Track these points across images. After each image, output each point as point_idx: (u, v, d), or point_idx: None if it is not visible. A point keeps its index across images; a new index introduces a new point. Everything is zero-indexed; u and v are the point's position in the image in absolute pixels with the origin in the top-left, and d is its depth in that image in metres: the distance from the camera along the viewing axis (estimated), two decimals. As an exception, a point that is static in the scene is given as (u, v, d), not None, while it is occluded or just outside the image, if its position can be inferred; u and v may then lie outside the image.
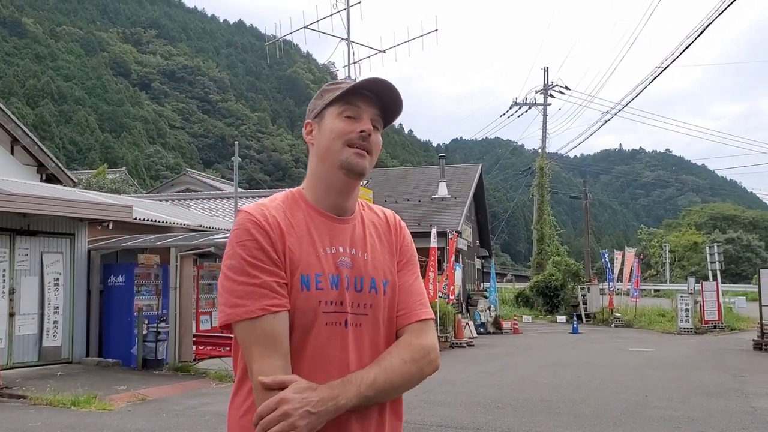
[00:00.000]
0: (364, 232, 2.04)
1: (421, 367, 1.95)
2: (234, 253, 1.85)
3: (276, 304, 1.81)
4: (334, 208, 2.00)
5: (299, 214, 1.96)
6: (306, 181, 2.05)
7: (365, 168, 1.95)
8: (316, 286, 1.87)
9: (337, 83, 2.04)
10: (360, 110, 1.96)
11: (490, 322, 27.08)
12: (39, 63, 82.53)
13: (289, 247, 1.88)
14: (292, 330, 1.84)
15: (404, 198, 33.12)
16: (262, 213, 1.90)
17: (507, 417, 9.57)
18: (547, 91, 45.50)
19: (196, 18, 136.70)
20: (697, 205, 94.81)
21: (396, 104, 2.01)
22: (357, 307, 1.94)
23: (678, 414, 9.85)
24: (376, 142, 1.98)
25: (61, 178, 22.01)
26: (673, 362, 16.62)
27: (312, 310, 1.86)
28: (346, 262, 1.95)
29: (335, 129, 1.95)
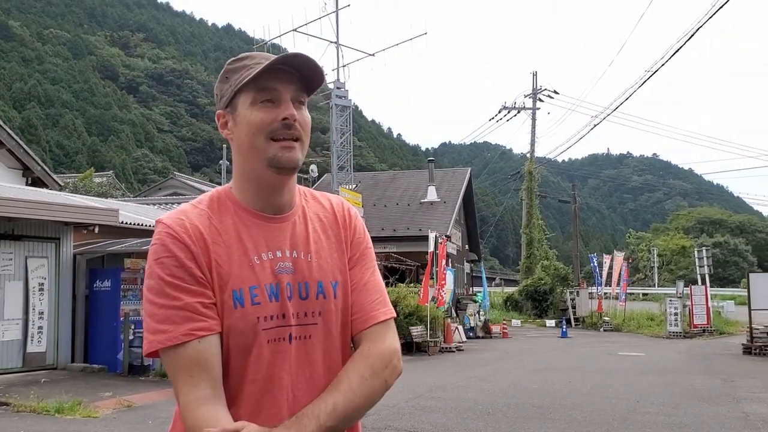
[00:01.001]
0: (307, 228, 1.80)
1: (384, 379, 1.73)
2: (152, 272, 1.65)
3: (201, 328, 1.61)
4: (269, 206, 1.77)
5: (228, 218, 1.74)
6: (233, 180, 1.80)
7: (297, 160, 1.71)
8: (251, 301, 1.66)
9: (241, 59, 1.76)
10: (277, 92, 1.69)
11: (480, 327, 27.01)
12: (26, 66, 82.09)
13: (215, 260, 1.67)
14: (230, 353, 1.65)
15: (393, 202, 33.05)
16: (181, 223, 1.69)
17: (499, 423, 9.46)
18: (536, 95, 45.60)
19: (184, 21, 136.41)
20: (684, 210, 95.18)
21: (314, 73, 1.74)
22: (304, 317, 1.72)
23: (670, 420, 9.77)
24: (304, 122, 1.73)
25: (47, 181, 21.76)
26: (663, 367, 16.57)
27: (250, 329, 1.65)
28: (286, 267, 1.73)
29: (253, 122, 1.69)
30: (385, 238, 29.71)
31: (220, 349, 1.64)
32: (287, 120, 1.68)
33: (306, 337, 1.72)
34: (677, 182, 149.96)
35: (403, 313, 20.12)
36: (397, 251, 26.76)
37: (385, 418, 9.67)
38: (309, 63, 1.71)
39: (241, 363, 1.65)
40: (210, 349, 1.61)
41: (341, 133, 21.58)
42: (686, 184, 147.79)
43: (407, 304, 20.27)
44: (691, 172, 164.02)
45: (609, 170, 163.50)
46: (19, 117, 67.45)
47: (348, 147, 21.82)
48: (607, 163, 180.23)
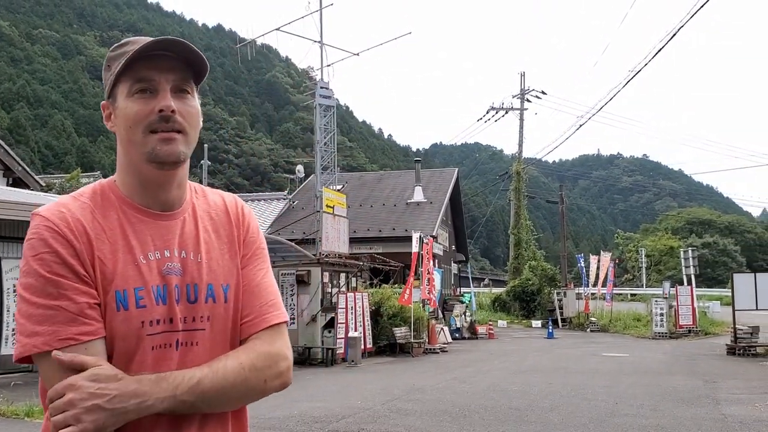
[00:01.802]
0: (197, 227, 1.68)
1: (264, 378, 1.60)
2: (30, 269, 1.48)
3: (86, 332, 1.47)
4: (156, 203, 1.64)
5: (112, 213, 1.59)
6: (117, 172, 1.66)
7: (178, 154, 1.58)
8: (136, 304, 1.53)
9: (122, 45, 1.63)
10: (154, 81, 1.57)
11: (466, 328, 26.95)
12: (14, 66, 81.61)
13: (99, 258, 1.53)
14: (111, 360, 1.50)
15: (379, 203, 32.97)
16: (62, 216, 1.53)
17: (474, 426, 9.36)
18: (524, 95, 45.57)
19: (174, 22, 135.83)
20: (674, 210, 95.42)
21: (197, 59, 1.62)
22: (191, 321, 1.60)
23: (647, 422, 9.68)
24: (188, 113, 1.60)
25: (28, 182, 21.56)
26: (647, 368, 16.52)
27: (133, 334, 1.52)
28: (174, 268, 1.60)
29: (130, 114, 1.57)
30: (370, 238, 29.63)
31: (106, 355, 1.50)
32: (163, 112, 1.56)
33: (193, 344, 1.60)
34: (667, 183, 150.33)
35: (387, 314, 20.04)
36: (382, 252, 26.65)
37: (359, 421, 9.56)
38: (185, 47, 1.59)
39: (123, 370, 1.49)
40: (98, 355, 1.47)
41: (326, 132, 21.44)
42: (676, 185, 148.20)
43: (391, 305, 20.19)
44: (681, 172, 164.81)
45: (599, 171, 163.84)
46: (8, 117, 67.08)
47: (332, 147, 21.67)
48: (597, 163, 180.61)
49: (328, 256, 18.74)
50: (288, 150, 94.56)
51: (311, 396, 12.00)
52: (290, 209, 31.78)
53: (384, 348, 20.01)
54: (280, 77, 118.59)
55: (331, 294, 19.01)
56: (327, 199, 19.18)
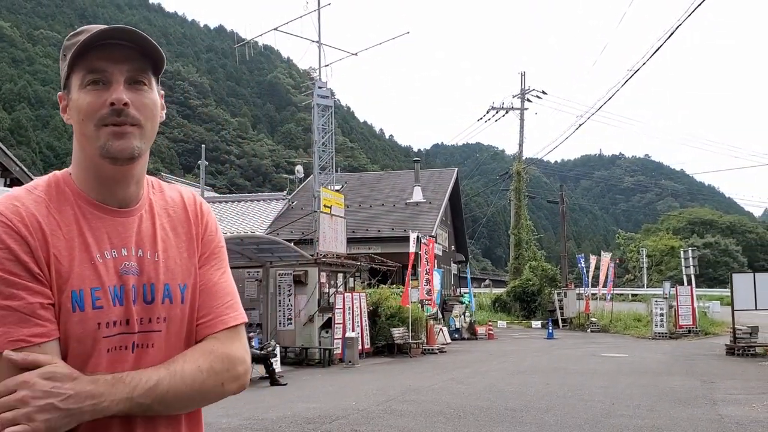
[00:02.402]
0: (154, 224, 1.62)
1: (221, 381, 1.55)
2: None
3: (39, 333, 1.40)
4: (112, 198, 1.57)
5: (67, 208, 1.52)
6: (72, 165, 1.59)
7: (132, 149, 1.50)
8: (93, 305, 1.47)
9: (77, 34, 1.56)
10: (107, 73, 1.50)
11: (465, 328, 26.89)
12: (16, 67, 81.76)
13: (54, 256, 1.46)
14: (64, 361, 1.44)
15: (378, 203, 32.93)
16: (15, 211, 1.46)
17: (468, 427, 9.30)
18: (524, 95, 45.51)
19: (175, 22, 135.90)
20: (675, 210, 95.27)
21: (151, 47, 1.54)
22: (147, 323, 1.54)
23: (643, 423, 9.62)
24: (144, 105, 1.52)
25: (26, 182, 21.53)
26: (645, 368, 16.45)
27: (89, 336, 1.46)
28: (131, 267, 1.54)
29: (82, 106, 1.50)
30: (369, 238, 29.58)
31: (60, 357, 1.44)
32: (114, 105, 1.48)
33: (148, 346, 1.54)
34: (669, 183, 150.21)
35: (385, 314, 19.99)
36: (381, 252, 26.60)
37: (353, 423, 9.50)
38: (137, 36, 1.51)
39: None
40: (52, 358, 1.41)
41: (324, 132, 21.39)
42: (678, 185, 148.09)
43: (389, 306, 20.14)
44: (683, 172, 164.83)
45: (601, 171, 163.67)
46: (9, 118, 67.19)
47: (330, 147, 21.62)
48: (599, 163, 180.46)
49: (326, 256, 18.69)
50: (289, 150, 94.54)
51: (307, 397, 11.95)
52: (289, 209, 31.73)
53: (382, 348, 19.96)
54: (282, 78, 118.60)
55: (329, 294, 18.96)
56: (324, 199, 19.14)
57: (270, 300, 18.57)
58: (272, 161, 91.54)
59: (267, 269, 18.63)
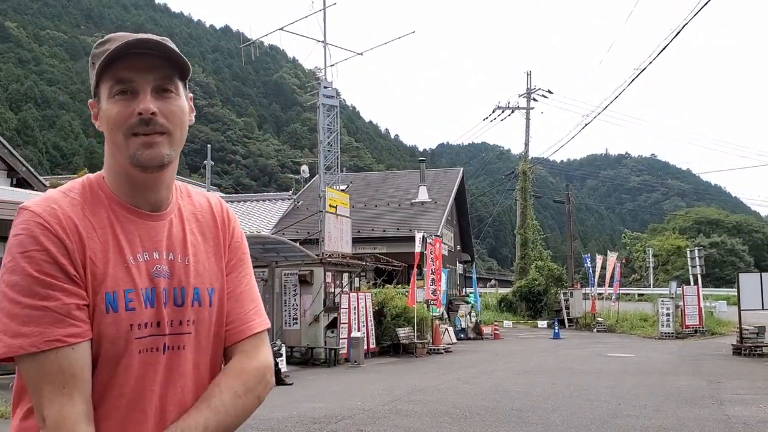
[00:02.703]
0: (184, 229, 1.65)
1: (257, 395, 1.62)
2: (17, 266, 1.42)
3: (74, 334, 1.42)
4: (145, 202, 1.60)
5: (101, 211, 1.55)
6: (105, 169, 1.62)
7: (161, 157, 1.53)
8: (126, 306, 1.49)
9: (104, 42, 1.59)
10: (134, 83, 1.52)
11: (471, 328, 26.86)
12: (22, 67, 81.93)
13: (90, 258, 1.48)
14: (96, 363, 1.47)
15: (384, 202, 32.91)
16: (53, 213, 1.47)
17: (474, 427, 9.28)
18: (530, 95, 45.44)
19: (181, 23, 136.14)
20: (682, 210, 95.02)
21: (176, 56, 1.56)
22: (178, 325, 1.57)
23: (650, 423, 9.59)
24: (171, 113, 1.55)
25: (33, 182, 21.56)
26: (651, 368, 16.40)
27: (122, 338, 1.48)
28: (162, 271, 1.57)
29: (110, 116, 1.53)
30: (374, 238, 29.57)
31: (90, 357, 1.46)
32: (142, 115, 1.51)
33: (179, 348, 1.58)
34: (675, 182, 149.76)
35: (390, 314, 19.97)
36: (386, 252, 26.60)
37: (359, 423, 9.50)
38: (163, 47, 1.55)
39: (108, 374, 1.48)
40: (83, 359, 1.44)
41: (329, 132, 21.39)
42: (684, 185, 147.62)
43: (394, 306, 20.12)
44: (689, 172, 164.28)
45: (607, 170, 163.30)
46: (16, 118, 67.32)
47: (336, 147, 21.62)
48: (605, 163, 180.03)
49: (331, 256, 18.69)
50: (295, 150, 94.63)
51: (312, 396, 11.95)
52: (295, 209, 31.75)
53: (387, 348, 19.95)
54: (287, 78, 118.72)
55: (334, 294, 18.96)
56: (330, 199, 19.14)
57: (276, 300, 18.58)
58: (278, 161, 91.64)
59: (273, 269, 18.64)
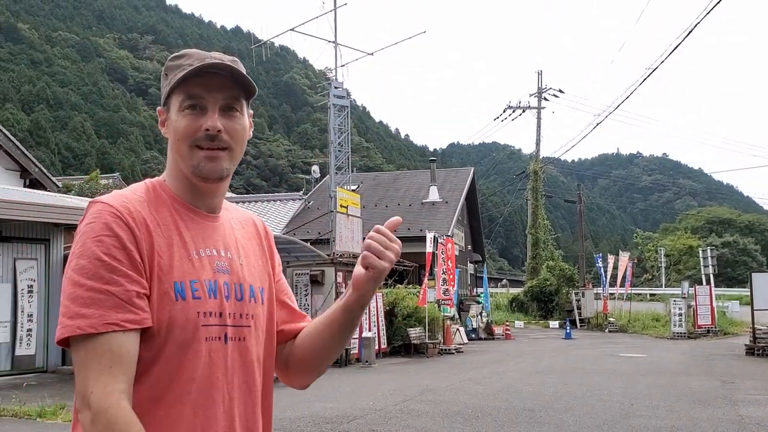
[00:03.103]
0: (234, 232, 1.78)
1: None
2: (86, 250, 1.49)
3: (132, 320, 1.48)
4: (204, 205, 1.73)
5: (164, 210, 1.65)
6: (168, 173, 1.74)
7: (221, 171, 1.67)
8: (192, 295, 1.58)
9: (178, 57, 1.71)
10: (203, 100, 1.65)
11: (482, 328, 26.81)
12: (34, 68, 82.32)
13: (157, 251, 1.57)
14: (164, 348, 1.54)
15: (394, 202, 32.89)
16: (124, 205, 1.57)
17: (486, 427, 9.27)
18: (541, 94, 45.32)
19: (192, 24, 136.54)
20: (694, 209, 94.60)
21: (245, 79, 1.68)
22: (239, 318, 1.67)
23: (663, 423, 9.56)
24: (234, 131, 1.67)
25: (45, 183, 21.68)
26: (664, 368, 16.33)
27: (191, 324, 1.56)
28: (223, 266, 1.68)
29: (179, 128, 1.65)
30: (386, 238, 29.50)
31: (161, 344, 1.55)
32: (209, 131, 1.63)
33: (241, 339, 1.67)
34: (687, 182, 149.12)
35: (401, 314, 19.95)
36: (397, 252, 26.57)
37: (371, 422, 9.50)
38: (234, 71, 1.66)
39: (178, 359, 1.55)
40: (133, 344, 1.49)
41: (340, 133, 21.40)
42: (696, 184, 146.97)
43: (405, 306, 20.10)
44: (701, 171, 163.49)
45: (619, 170, 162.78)
46: (28, 119, 67.65)
47: (347, 147, 21.63)
48: (617, 162, 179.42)
49: (342, 256, 18.69)
50: (306, 151, 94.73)
51: (324, 396, 11.94)
52: (306, 209, 31.77)
53: (399, 348, 19.93)
54: (298, 78, 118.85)
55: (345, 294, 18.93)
56: (341, 199, 19.14)
57: (287, 300, 18.55)
58: (288, 161, 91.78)
59: (284, 269, 18.63)
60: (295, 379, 1.91)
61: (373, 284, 1.69)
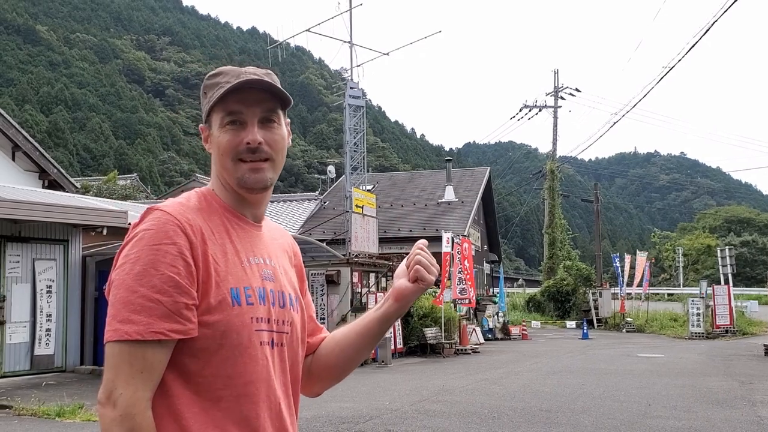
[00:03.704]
0: (273, 242, 1.86)
1: None
2: (142, 257, 1.54)
3: (177, 330, 1.54)
4: (251, 214, 1.80)
5: (216, 218, 1.71)
6: (215, 185, 1.80)
7: (266, 181, 1.74)
8: (246, 301, 1.64)
9: (215, 75, 1.78)
10: (242, 114, 1.72)
11: (499, 328, 26.75)
12: (53, 70, 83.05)
13: (212, 258, 1.62)
14: (220, 352, 1.59)
15: (410, 202, 32.87)
16: (183, 214, 1.63)
17: (502, 428, 9.24)
18: (557, 93, 45.14)
19: (209, 25, 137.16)
20: (712, 208, 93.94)
21: (280, 93, 1.75)
22: (282, 324, 1.74)
23: (680, 424, 9.50)
24: (274, 141, 1.75)
25: (63, 184, 21.85)
26: (682, 369, 16.22)
27: (246, 329, 1.62)
28: (268, 274, 1.74)
29: (222, 144, 1.72)
30: (401, 238, 29.53)
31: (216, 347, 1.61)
32: (250, 145, 1.70)
33: (282, 344, 1.74)
34: (705, 181, 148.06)
35: (417, 314, 19.94)
36: (413, 252, 26.55)
37: (387, 422, 9.50)
38: (269, 86, 1.73)
39: (233, 363, 1.60)
40: (165, 356, 1.54)
41: (355, 133, 21.42)
42: (714, 183, 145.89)
43: (421, 306, 20.08)
44: (719, 170, 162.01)
45: (636, 169, 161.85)
46: (47, 121, 68.19)
47: (362, 147, 21.65)
48: (634, 161, 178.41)
49: (358, 256, 18.72)
50: (321, 151, 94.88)
51: (340, 396, 11.96)
52: (321, 209, 31.83)
53: (414, 348, 19.92)
54: (313, 79, 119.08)
55: (361, 294, 18.99)
56: (356, 199, 19.17)
57: (303, 300, 18.59)
58: (304, 162, 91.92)
59: (300, 269, 18.65)
60: (313, 386, 1.97)
61: (416, 297, 1.79)
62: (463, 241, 22.57)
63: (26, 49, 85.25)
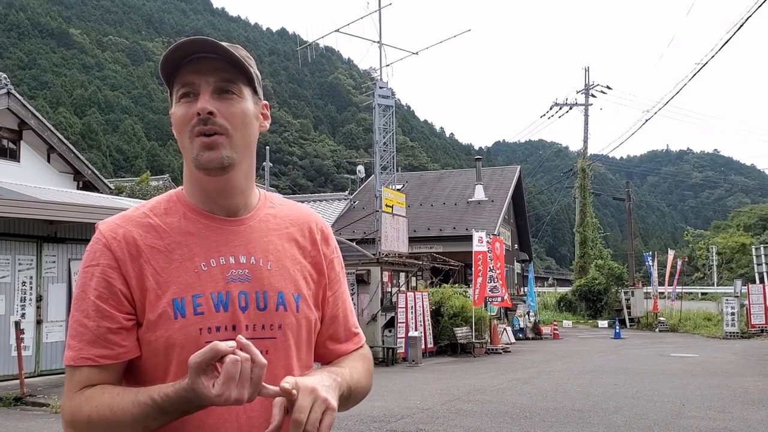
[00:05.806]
0: (268, 234, 1.63)
1: (371, 384, 1.75)
2: (78, 280, 1.53)
3: (106, 355, 1.47)
4: (220, 208, 1.60)
5: (174, 220, 1.57)
6: (184, 181, 1.66)
7: (220, 159, 1.52)
8: (194, 311, 1.49)
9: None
10: (195, 85, 1.53)
11: (530, 328, 26.62)
12: (86, 73, 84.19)
13: (154, 268, 1.50)
14: (170, 368, 1.48)
15: (440, 201, 32.85)
16: (113, 230, 1.53)
17: (534, 428, 9.20)
18: (588, 90, 44.79)
19: (239, 26, 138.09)
20: (746, 206, 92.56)
21: (231, 56, 1.54)
22: (261, 329, 1.54)
23: (715, 424, 9.38)
24: (231, 114, 1.53)
25: (98, 185, 22.19)
26: (716, 368, 16.03)
27: (191, 342, 1.46)
28: (241, 275, 1.55)
29: (176, 120, 1.55)
30: (431, 237, 29.54)
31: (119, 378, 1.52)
32: (200, 114, 1.50)
33: (263, 352, 1.45)
34: (739, 178, 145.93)
35: (447, 314, 19.92)
36: (443, 251, 26.53)
37: (418, 422, 9.51)
38: (218, 47, 1.53)
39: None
40: (110, 374, 1.49)
41: (385, 132, 21.45)
42: (748, 180, 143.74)
43: (452, 305, 20.05)
44: (754, 167, 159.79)
45: (668, 167, 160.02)
46: (80, 123, 69.14)
47: (392, 147, 21.68)
48: (666, 159, 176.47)
49: (388, 255, 18.74)
50: (350, 151, 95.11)
51: (370, 395, 11.88)
52: (351, 209, 31.92)
53: (445, 348, 19.90)
54: (342, 79, 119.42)
55: (391, 293, 19.01)
56: (386, 198, 19.19)
57: (334, 299, 18.66)
58: (334, 161, 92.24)
59: (330, 269, 18.72)
60: None
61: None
62: (494, 240, 22.51)
63: (60, 52, 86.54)
